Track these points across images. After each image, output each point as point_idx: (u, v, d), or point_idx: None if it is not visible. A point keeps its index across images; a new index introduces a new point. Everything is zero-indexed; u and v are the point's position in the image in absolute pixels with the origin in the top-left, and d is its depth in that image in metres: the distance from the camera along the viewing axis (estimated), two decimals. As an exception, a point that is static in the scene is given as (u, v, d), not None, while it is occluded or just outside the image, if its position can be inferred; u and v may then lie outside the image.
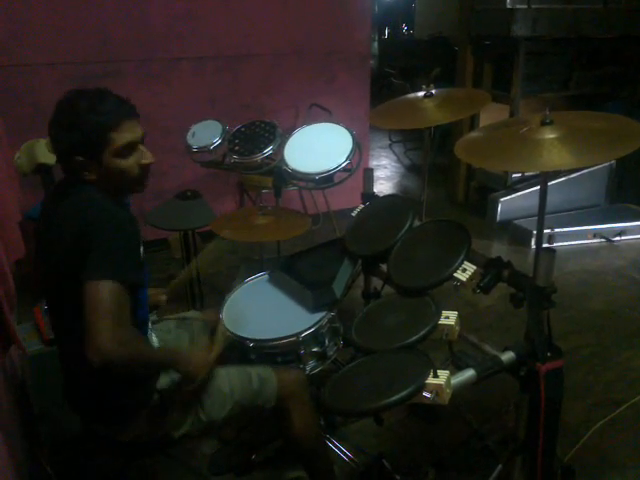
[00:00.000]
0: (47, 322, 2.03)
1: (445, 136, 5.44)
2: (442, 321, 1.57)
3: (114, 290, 1.26)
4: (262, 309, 1.97)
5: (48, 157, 2.65)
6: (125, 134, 1.37)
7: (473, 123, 4.52)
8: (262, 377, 1.66)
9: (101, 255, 1.28)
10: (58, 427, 2.00)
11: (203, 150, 2.61)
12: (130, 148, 1.39)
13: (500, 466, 1.76)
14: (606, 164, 4.41)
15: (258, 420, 2.11)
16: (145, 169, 1.45)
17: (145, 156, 1.43)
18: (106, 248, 1.29)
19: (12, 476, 1.58)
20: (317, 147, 2.32)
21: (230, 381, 1.64)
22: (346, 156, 2.20)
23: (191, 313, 2.02)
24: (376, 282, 2.18)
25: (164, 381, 1.57)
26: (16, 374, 2.12)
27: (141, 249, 1.46)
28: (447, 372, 1.38)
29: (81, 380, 1.50)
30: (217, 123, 2.69)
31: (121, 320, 1.27)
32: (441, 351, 2.11)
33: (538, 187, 1.64)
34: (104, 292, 1.24)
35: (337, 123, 2.39)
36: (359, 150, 2.26)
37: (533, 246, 3.94)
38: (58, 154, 1.40)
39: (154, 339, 1.69)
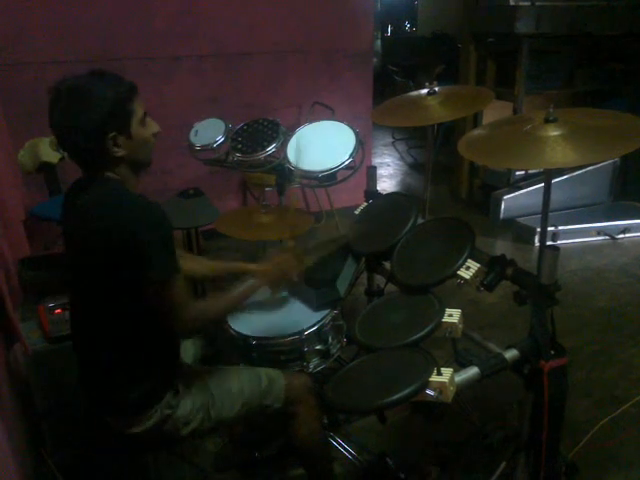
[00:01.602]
0: (51, 320, 2.03)
1: (448, 134, 5.43)
2: (445, 319, 1.56)
3: (178, 281, 1.39)
4: (265, 307, 1.97)
5: (51, 155, 2.66)
6: (141, 103, 1.44)
7: (476, 121, 4.51)
8: (271, 377, 1.68)
9: (162, 256, 1.36)
10: (62, 425, 2.01)
11: (206, 148, 2.61)
12: (144, 118, 1.45)
13: (504, 464, 1.76)
14: (610, 161, 4.39)
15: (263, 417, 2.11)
16: (155, 139, 1.51)
17: (154, 126, 1.50)
18: (162, 248, 1.36)
19: (16, 474, 1.59)
20: (320, 145, 2.31)
21: (240, 380, 1.65)
22: (349, 154, 2.19)
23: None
24: (379, 280, 2.18)
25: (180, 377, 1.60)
26: (20, 372, 2.13)
27: None
28: (451, 370, 1.38)
29: (98, 372, 1.52)
30: (220, 121, 2.68)
31: (190, 301, 1.43)
32: (444, 349, 2.09)
33: (541, 185, 1.64)
34: (175, 286, 1.38)
35: (340, 121, 2.38)
36: (362, 148, 2.25)
37: (537, 244, 3.93)
38: (84, 141, 1.37)
39: None
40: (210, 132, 2.64)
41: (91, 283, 1.44)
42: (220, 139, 2.58)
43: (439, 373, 1.36)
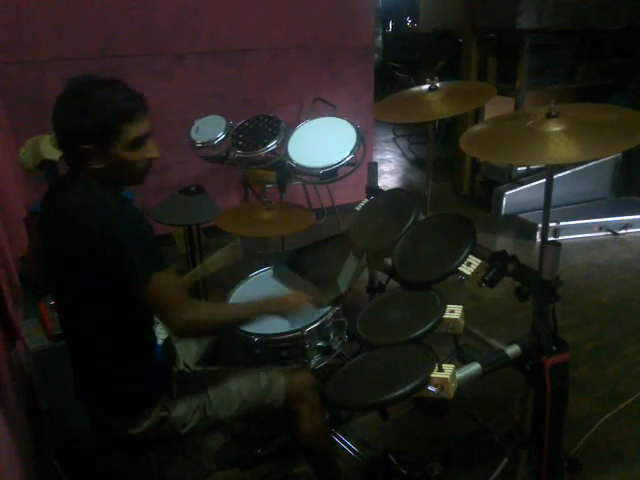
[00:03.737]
0: (52, 318, 2.03)
1: (450, 129, 5.42)
2: (447, 315, 1.56)
3: (165, 279, 1.34)
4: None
5: (53, 153, 2.65)
6: (138, 127, 1.36)
7: (478, 116, 4.49)
8: (270, 377, 1.67)
9: (138, 257, 1.31)
10: (64, 422, 2.01)
11: (207, 145, 2.61)
12: (140, 141, 1.38)
13: (506, 459, 1.76)
14: (612, 156, 4.37)
15: (264, 415, 2.11)
16: (149, 163, 1.44)
17: (151, 150, 1.42)
18: (138, 249, 1.32)
19: (20, 472, 1.59)
20: (321, 141, 2.31)
21: (238, 380, 1.64)
22: (350, 150, 2.19)
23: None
24: (381, 276, 2.18)
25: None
26: (23, 370, 2.13)
27: None
28: (452, 366, 1.38)
29: (92, 374, 1.51)
30: (221, 118, 2.68)
31: (183, 300, 1.38)
32: (446, 345, 2.10)
33: (543, 180, 1.64)
34: (159, 286, 1.33)
35: (341, 117, 2.38)
36: (363, 144, 2.25)
37: (538, 239, 3.93)
38: (63, 139, 1.36)
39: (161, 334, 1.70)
40: (211, 129, 2.64)
41: (68, 286, 1.42)
42: (221, 136, 2.58)
43: (440, 369, 1.36)
